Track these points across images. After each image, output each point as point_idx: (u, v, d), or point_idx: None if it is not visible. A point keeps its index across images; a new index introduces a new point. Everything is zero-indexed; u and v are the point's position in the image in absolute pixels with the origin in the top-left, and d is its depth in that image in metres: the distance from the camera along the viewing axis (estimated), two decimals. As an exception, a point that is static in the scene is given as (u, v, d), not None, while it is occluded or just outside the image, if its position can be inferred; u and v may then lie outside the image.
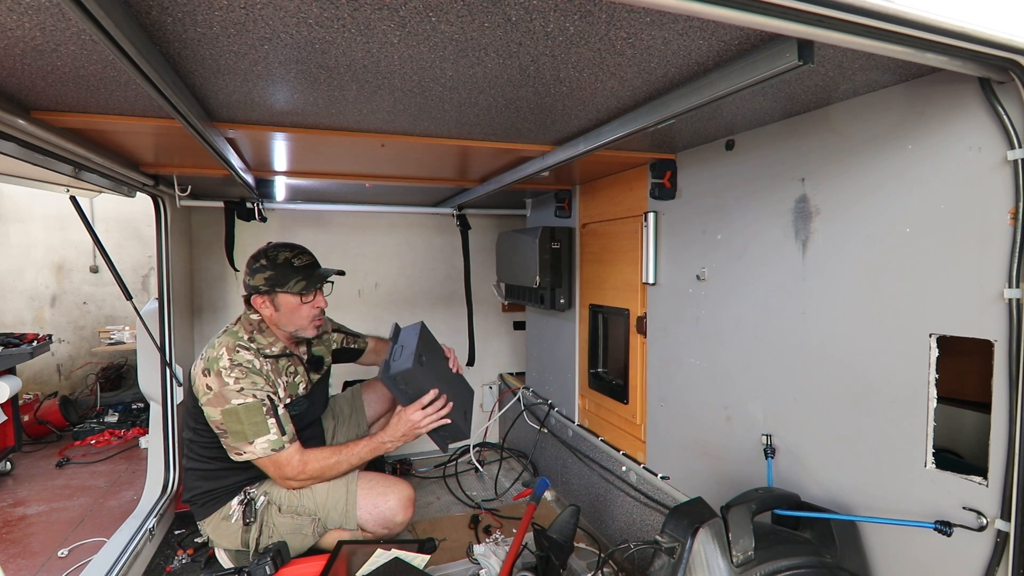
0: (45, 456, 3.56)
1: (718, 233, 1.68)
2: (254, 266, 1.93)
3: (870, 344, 1.22)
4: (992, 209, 0.99)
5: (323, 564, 1.71)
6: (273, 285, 1.91)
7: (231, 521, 1.89)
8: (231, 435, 1.79)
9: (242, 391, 1.79)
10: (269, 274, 1.91)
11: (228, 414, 1.77)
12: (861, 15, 0.75)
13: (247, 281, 1.94)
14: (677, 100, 1.17)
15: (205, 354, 1.86)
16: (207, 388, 1.79)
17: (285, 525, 1.88)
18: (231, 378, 1.79)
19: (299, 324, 1.98)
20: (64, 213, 4.62)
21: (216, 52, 0.99)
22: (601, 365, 2.49)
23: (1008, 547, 0.98)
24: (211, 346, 1.88)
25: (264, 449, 1.80)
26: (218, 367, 1.80)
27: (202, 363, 1.83)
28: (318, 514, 1.89)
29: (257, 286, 1.91)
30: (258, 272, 1.92)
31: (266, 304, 1.93)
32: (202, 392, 1.80)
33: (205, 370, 1.81)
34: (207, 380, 1.80)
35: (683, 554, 1.15)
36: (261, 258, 1.94)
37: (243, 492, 1.92)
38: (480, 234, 3.61)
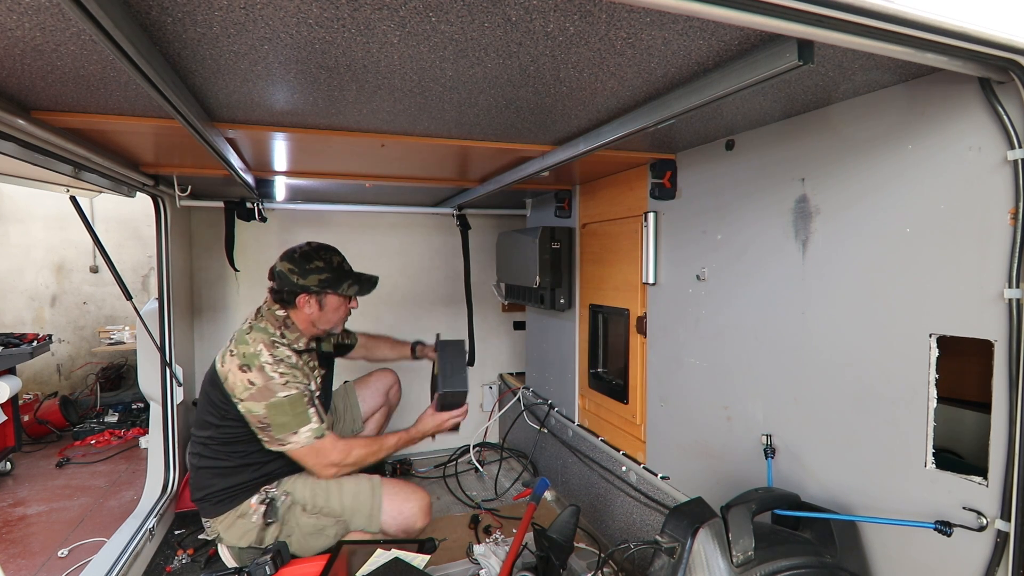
0: (45, 456, 3.56)
1: (718, 233, 1.68)
2: (307, 267, 1.95)
3: (870, 344, 1.22)
4: (992, 209, 0.99)
5: (323, 564, 1.71)
6: (325, 287, 1.96)
7: (249, 519, 1.89)
8: (275, 427, 1.79)
9: (287, 384, 1.81)
10: (325, 276, 1.97)
11: (273, 407, 1.78)
12: (861, 15, 0.75)
13: (296, 281, 1.94)
14: (677, 100, 1.17)
15: (237, 351, 1.84)
16: (248, 383, 1.78)
17: (308, 525, 1.89)
18: (276, 372, 1.81)
19: (335, 323, 2.06)
20: (64, 213, 4.62)
21: (216, 52, 0.99)
22: (601, 365, 2.49)
23: (1008, 547, 0.98)
24: (242, 342, 1.86)
25: (308, 438, 1.82)
26: (260, 362, 1.81)
27: (237, 360, 1.81)
28: (344, 516, 1.91)
29: (308, 286, 1.95)
30: (312, 273, 1.95)
31: (311, 303, 1.97)
32: (241, 388, 1.79)
33: (244, 366, 1.80)
34: (248, 376, 1.79)
35: (683, 554, 1.15)
36: (315, 260, 1.97)
37: (262, 492, 1.91)
38: (480, 234, 3.61)
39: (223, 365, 1.84)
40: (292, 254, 2.01)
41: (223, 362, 1.85)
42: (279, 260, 2.02)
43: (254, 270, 3.21)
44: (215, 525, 1.94)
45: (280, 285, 1.98)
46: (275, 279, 2.00)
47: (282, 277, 1.97)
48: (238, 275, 3.17)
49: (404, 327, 3.51)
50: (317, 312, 2.00)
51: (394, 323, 3.46)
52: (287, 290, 1.96)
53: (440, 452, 3.48)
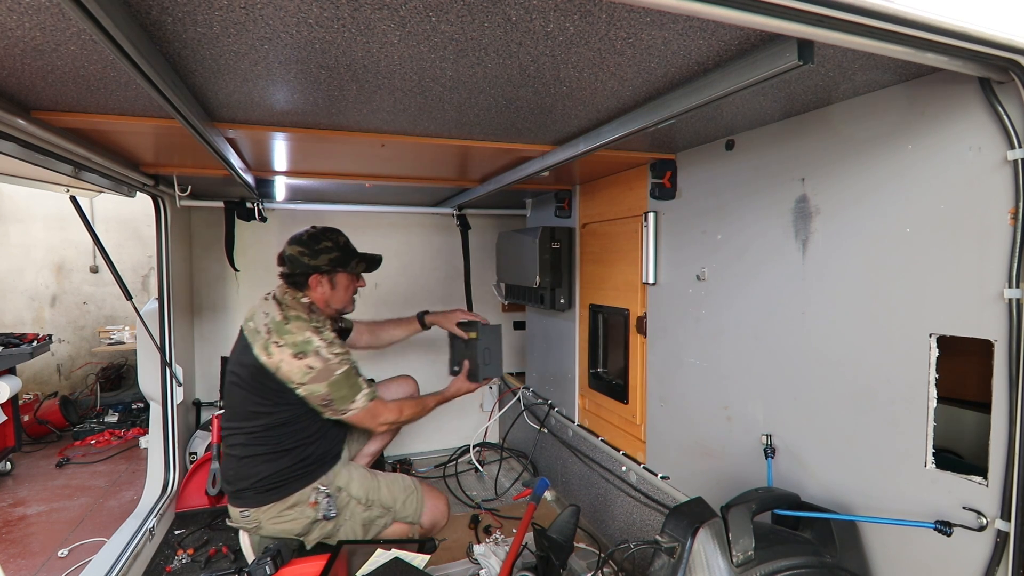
0: (45, 456, 3.57)
1: (718, 233, 1.68)
2: (316, 247, 2.03)
3: (870, 344, 1.22)
4: (992, 209, 0.99)
5: (323, 564, 1.71)
6: (336, 265, 2.05)
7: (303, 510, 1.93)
8: (337, 401, 1.91)
9: (340, 361, 1.92)
10: (335, 255, 2.05)
11: (334, 384, 1.89)
12: (861, 15, 0.75)
13: (307, 262, 2.01)
14: (677, 100, 1.17)
15: (284, 341, 1.88)
16: (308, 368, 1.87)
17: (363, 518, 2.01)
18: (331, 353, 1.90)
19: (346, 301, 2.16)
20: (64, 213, 4.62)
21: (216, 52, 0.99)
22: (601, 365, 2.49)
23: (1008, 547, 0.98)
24: (286, 333, 1.90)
25: (364, 403, 1.95)
26: (313, 348, 1.89)
27: (288, 349, 1.87)
28: (394, 507, 2.05)
29: (319, 266, 2.02)
30: (323, 253, 2.03)
31: (323, 283, 2.04)
32: (300, 374, 1.86)
33: (299, 354, 1.87)
34: (306, 362, 1.86)
35: (683, 554, 1.15)
36: (323, 240, 2.05)
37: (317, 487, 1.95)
38: (480, 234, 3.61)
39: (271, 357, 1.88)
40: (300, 237, 2.07)
41: (269, 355, 1.88)
42: (287, 245, 2.07)
43: (254, 270, 3.21)
44: (255, 514, 1.93)
45: (292, 268, 2.04)
46: (286, 263, 2.06)
47: (293, 260, 2.03)
48: (238, 275, 3.17)
49: (404, 327, 3.50)
50: (329, 291, 2.07)
51: (394, 323, 3.45)
52: (299, 272, 2.02)
53: (440, 452, 3.49)
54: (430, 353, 3.59)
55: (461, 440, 3.57)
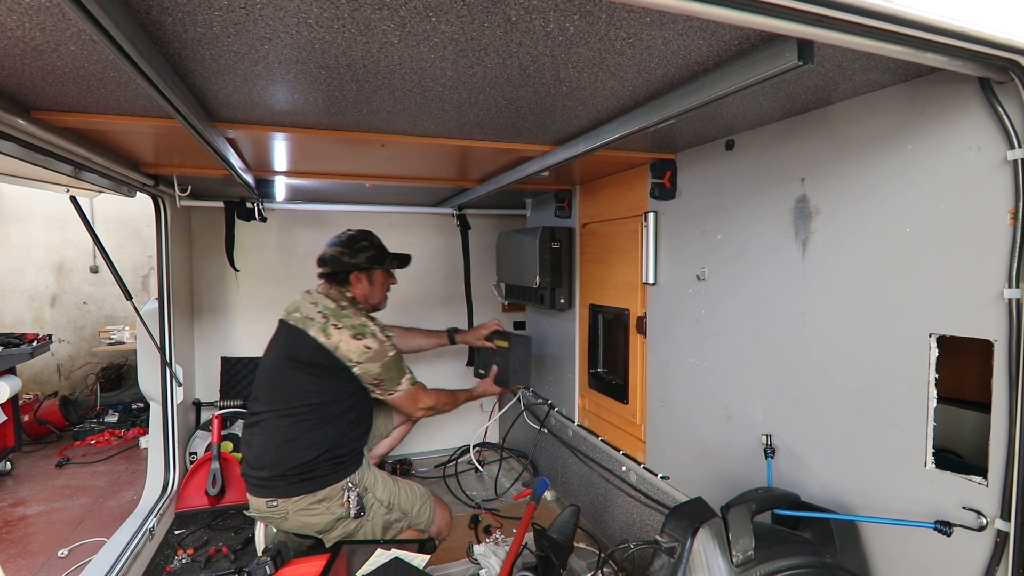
0: (45, 456, 3.57)
1: (718, 233, 1.68)
2: (355, 247, 2.24)
3: (870, 344, 1.22)
4: (992, 209, 0.99)
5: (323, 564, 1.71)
6: (373, 263, 2.25)
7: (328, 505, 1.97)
8: (387, 381, 2.09)
9: (391, 345, 2.12)
10: (372, 253, 2.26)
11: (386, 365, 2.08)
12: (861, 15, 0.75)
13: (347, 260, 2.21)
14: (677, 100, 1.17)
15: (343, 323, 2.05)
16: (366, 348, 2.04)
17: (384, 521, 2.09)
18: (382, 335, 2.10)
19: (381, 297, 2.36)
20: (64, 213, 4.62)
21: (216, 52, 0.99)
22: (601, 365, 2.49)
23: (1008, 547, 0.98)
24: (343, 317, 2.07)
25: (407, 385, 2.15)
26: (370, 330, 2.07)
27: (347, 331, 2.04)
28: (411, 514, 2.15)
29: (359, 264, 2.22)
30: (362, 252, 2.24)
31: (362, 279, 2.24)
32: (358, 353, 2.03)
33: (357, 335, 2.04)
34: (364, 342, 2.04)
35: (683, 554, 1.15)
36: (362, 240, 2.27)
37: (348, 486, 2.01)
38: (480, 234, 3.61)
39: (329, 338, 2.03)
40: (339, 239, 2.27)
41: (328, 335, 2.03)
42: (327, 247, 2.26)
43: (254, 270, 3.21)
44: (284, 504, 1.95)
45: (333, 268, 2.21)
46: (327, 264, 2.22)
47: (334, 260, 2.21)
48: (238, 275, 3.17)
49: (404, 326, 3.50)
50: (367, 287, 2.26)
51: (394, 322, 3.44)
52: (340, 271, 2.21)
53: (440, 452, 3.49)
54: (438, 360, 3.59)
55: (461, 440, 3.57)
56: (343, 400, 2.08)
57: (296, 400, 2.03)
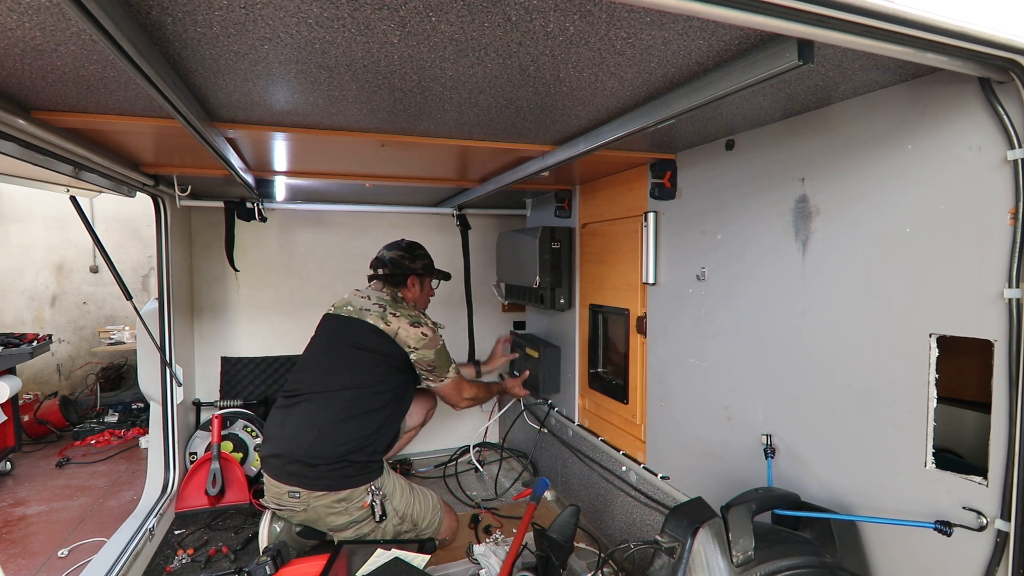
0: (45, 456, 3.56)
1: (718, 233, 1.68)
2: (415, 253, 2.50)
3: (870, 344, 1.22)
4: (992, 209, 0.99)
5: (323, 564, 1.72)
6: (427, 271, 2.51)
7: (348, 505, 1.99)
8: (439, 368, 2.28)
9: (440, 335, 2.32)
10: (427, 262, 2.53)
11: (439, 353, 2.28)
12: (861, 15, 0.75)
13: (407, 264, 2.45)
14: (677, 100, 1.17)
15: (401, 312, 2.25)
16: (423, 335, 2.23)
17: (395, 530, 2.11)
18: (432, 326, 2.29)
19: (424, 305, 2.56)
20: (64, 213, 4.62)
21: (216, 52, 0.99)
22: (601, 365, 2.49)
23: (1008, 547, 0.98)
24: (400, 307, 2.28)
25: (454, 374, 2.36)
26: (424, 320, 2.28)
27: (405, 319, 2.23)
28: (420, 523, 2.18)
29: (416, 269, 2.47)
30: (419, 259, 2.50)
31: (415, 284, 2.47)
32: (416, 339, 2.22)
33: (414, 323, 2.23)
34: (420, 330, 2.23)
35: (683, 554, 1.15)
36: (419, 249, 2.54)
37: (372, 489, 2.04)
38: (480, 234, 3.61)
39: (389, 325, 2.21)
40: (399, 244, 2.51)
41: (387, 323, 2.21)
42: (385, 250, 2.49)
43: (254, 270, 3.21)
44: (306, 497, 1.97)
45: (393, 270, 2.43)
46: (386, 266, 2.44)
47: (395, 263, 2.44)
48: (238, 275, 3.17)
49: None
50: (418, 292, 2.49)
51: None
52: (400, 273, 2.43)
53: (440, 452, 3.49)
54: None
55: (461, 440, 3.57)
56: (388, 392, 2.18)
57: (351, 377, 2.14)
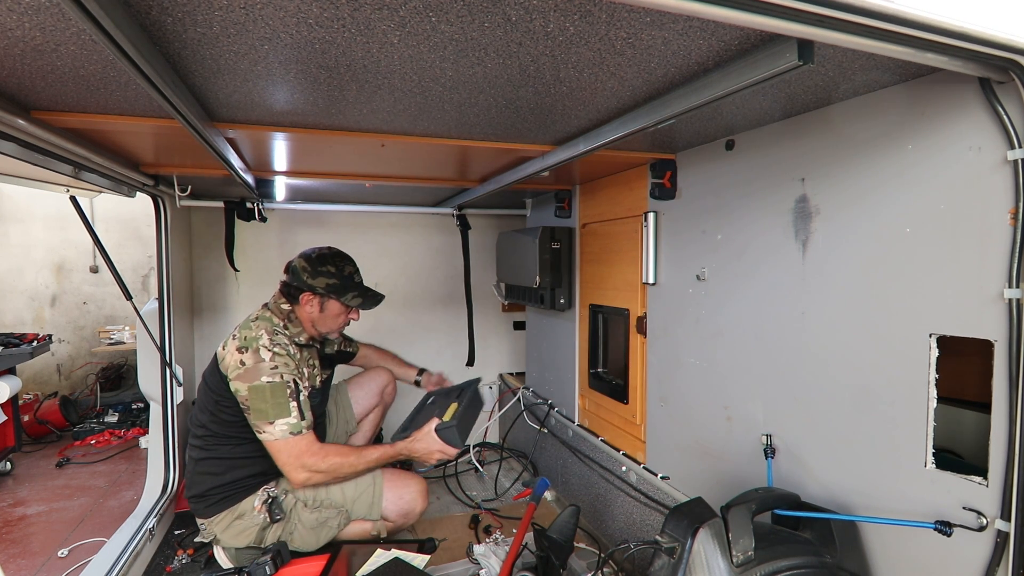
0: (45, 456, 3.56)
1: (718, 233, 1.68)
2: (319, 269, 2.04)
3: (870, 344, 1.22)
4: (992, 209, 0.99)
5: (323, 564, 1.71)
6: (330, 291, 2.04)
7: (250, 519, 1.90)
8: (253, 412, 1.82)
9: (275, 369, 1.84)
10: (333, 282, 2.05)
11: (255, 391, 1.80)
12: (861, 15, 0.75)
13: (305, 279, 2.03)
14: (677, 100, 1.17)
15: (239, 334, 1.90)
16: (239, 364, 1.83)
17: (311, 520, 1.92)
18: (268, 354, 1.85)
19: (332, 328, 2.13)
20: (64, 213, 4.62)
21: (216, 52, 0.99)
22: (601, 365, 2.49)
23: (1008, 547, 0.98)
24: (246, 328, 1.93)
25: (283, 431, 1.79)
26: (257, 345, 1.86)
27: (236, 342, 1.88)
28: (345, 506, 1.96)
29: (315, 286, 2.03)
30: (322, 276, 2.04)
31: (313, 303, 2.05)
32: (233, 367, 1.84)
33: (241, 347, 1.87)
34: (242, 356, 1.85)
35: (683, 554, 1.15)
36: (328, 264, 2.07)
37: (262, 492, 1.93)
38: (480, 234, 3.61)
39: (223, 348, 1.92)
40: (310, 254, 2.10)
41: (224, 345, 1.93)
42: (298, 256, 2.11)
43: (254, 270, 3.21)
44: (210, 527, 1.94)
45: (291, 280, 2.07)
46: (289, 273, 2.10)
47: (295, 272, 2.07)
48: (238, 275, 3.17)
49: (404, 327, 3.51)
50: (317, 313, 2.07)
51: (394, 323, 3.46)
52: (295, 285, 2.05)
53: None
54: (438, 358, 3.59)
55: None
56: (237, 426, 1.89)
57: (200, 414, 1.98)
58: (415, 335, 3.55)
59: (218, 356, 1.93)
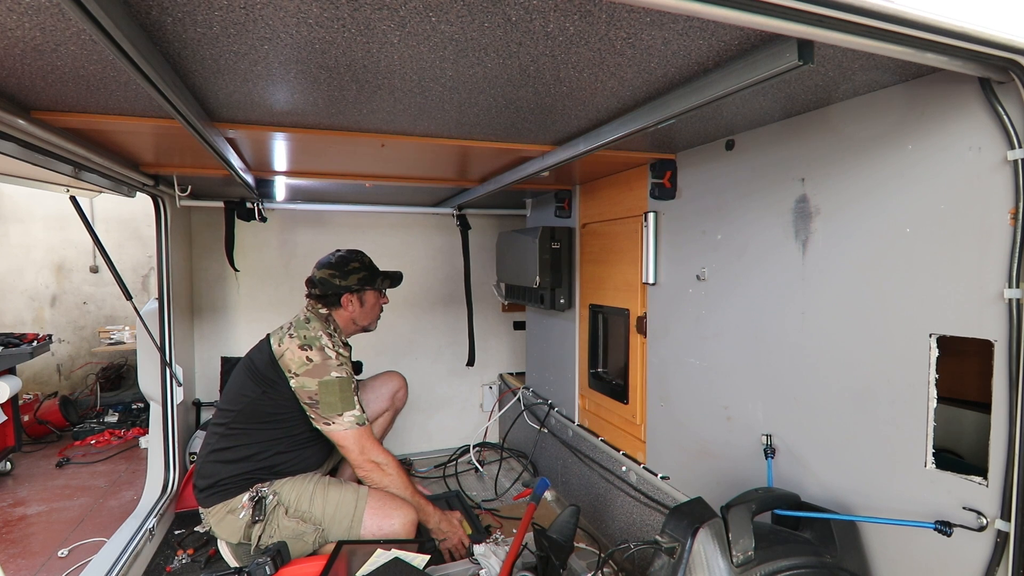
0: (45, 456, 3.56)
1: (718, 233, 1.68)
2: (346, 269, 2.17)
3: (870, 344, 1.22)
4: (992, 209, 0.99)
5: (323, 564, 1.71)
6: (364, 284, 2.19)
7: (237, 516, 1.90)
8: (323, 405, 1.92)
9: (341, 366, 1.97)
10: (364, 274, 2.20)
11: (325, 385, 1.92)
12: (861, 15, 0.75)
13: (338, 283, 2.15)
14: (677, 100, 1.17)
15: (297, 333, 1.99)
16: (307, 360, 1.94)
17: (288, 529, 1.90)
18: (332, 353, 1.98)
19: (372, 318, 2.29)
20: (64, 213, 4.62)
21: (216, 52, 0.99)
22: (601, 365, 2.49)
23: (1008, 547, 0.98)
24: (301, 327, 2.02)
25: (351, 422, 1.94)
26: (320, 344, 1.97)
27: (297, 340, 1.97)
28: (323, 524, 1.91)
29: (350, 286, 2.16)
30: (352, 273, 2.17)
31: (353, 301, 2.19)
32: (298, 364, 1.93)
33: (304, 346, 1.96)
34: (307, 353, 1.95)
35: (683, 554, 1.15)
36: (352, 261, 2.20)
37: (253, 489, 1.93)
38: (480, 234, 3.61)
39: (280, 345, 1.99)
40: (329, 261, 2.19)
41: (280, 343, 2.00)
42: (316, 270, 2.19)
43: (254, 270, 3.22)
44: (208, 517, 1.97)
45: (324, 291, 2.16)
46: (317, 286, 2.17)
47: (324, 283, 2.15)
48: (238, 275, 3.17)
49: (404, 327, 3.51)
50: (359, 309, 2.21)
51: (394, 323, 3.46)
52: (331, 293, 2.15)
53: (440, 452, 3.49)
54: (438, 360, 3.60)
55: (461, 440, 3.57)
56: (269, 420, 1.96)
57: (231, 405, 2.00)
58: (415, 335, 3.56)
59: (275, 352, 1.99)
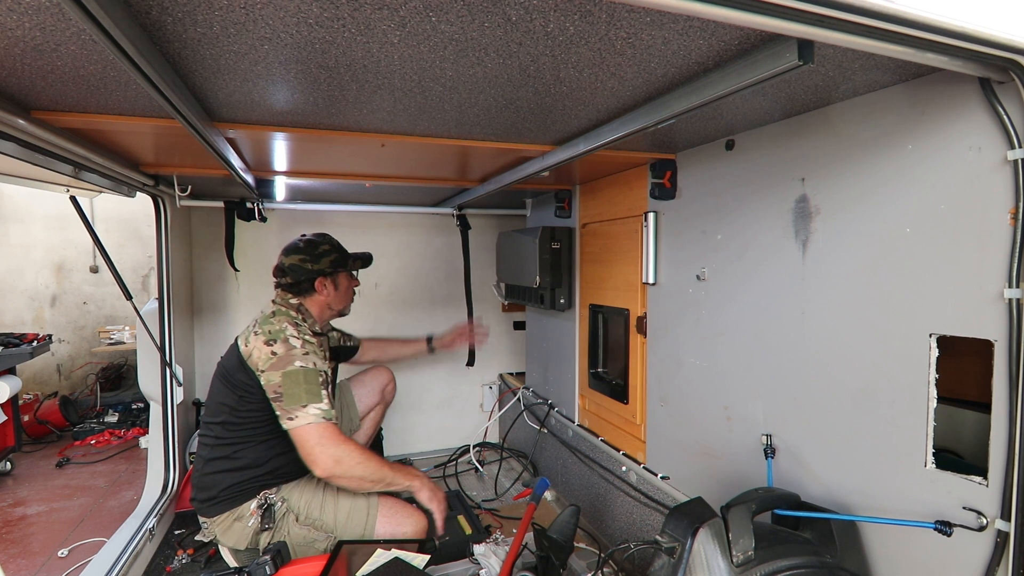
0: (45, 456, 3.56)
1: (718, 233, 1.68)
2: (316, 252, 2.09)
3: (870, 344, 1.22)
4: (992, 209, 0.99)
5: (323, 564, 1.71)
6: (336, 266, 2.11)
7: (245, 523, 1.89)
8: (287, 398, 1.78)
9: (307, 355, 1.86)
10: (335, 256, 2.12)
11: (289, 375, 1.80)
12: (861, 15, 0.75)
13: (310, 268, 2.06)
14: (677, 100, 1.17)
15: (261, 329, 1.90)
16: (271, 355, 1.84)
17: (299, 536, 1.89)
18: (297, 342, 1.87)
19: (347, 301, 2.22)
20: (64, 213, 4.62)
21: (216, 52, 0.99)
22: (601, 365, 2.49)
23: (1008, 547, 0.98)
24: (267, 323, 1.92)
25: (316, 416, 1.78)
26: (285, 335, 1.88)
27: (262, 336, 1.88)
28: (335, 532, 1.89)
29: (323, 269, 2.08)
30: (324, 256, 2.09)
31: (328, 285, 2.11)
32: (264, 360, 1.84)
33: (269, 340, 1.87)
34: (272, 348, 1.85)
35: (683, 554, 1.15)
36: (323, 244, 2.12)
37: (261, 496, 1.91)
38: (480, 234, 3.61)
39: (247, 345, 1.90)
40: (297, 246, 2.11)
41: (247, 343, 1.91)
42: (284, 256, 2.10)
43: (254, 270, 3.21)
44: (212, 526, 1.93)
45: (295, 277, 2.07)
46: (287, 274, 2.08)
47: (295, 269, 2.06)
48: (238, 275, 3.17)
49: (404, 327, 3.51)
50: (333, 293, 2.13)
51: (394, 323, 3.46)
52: (304, 279, 2.07)
53: (440, 452, 3.49)
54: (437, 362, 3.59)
55: (461, 440, 3.57)
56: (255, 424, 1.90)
57: (214, 417, 1.95)
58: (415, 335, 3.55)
59: (243, 352, 1.90)
